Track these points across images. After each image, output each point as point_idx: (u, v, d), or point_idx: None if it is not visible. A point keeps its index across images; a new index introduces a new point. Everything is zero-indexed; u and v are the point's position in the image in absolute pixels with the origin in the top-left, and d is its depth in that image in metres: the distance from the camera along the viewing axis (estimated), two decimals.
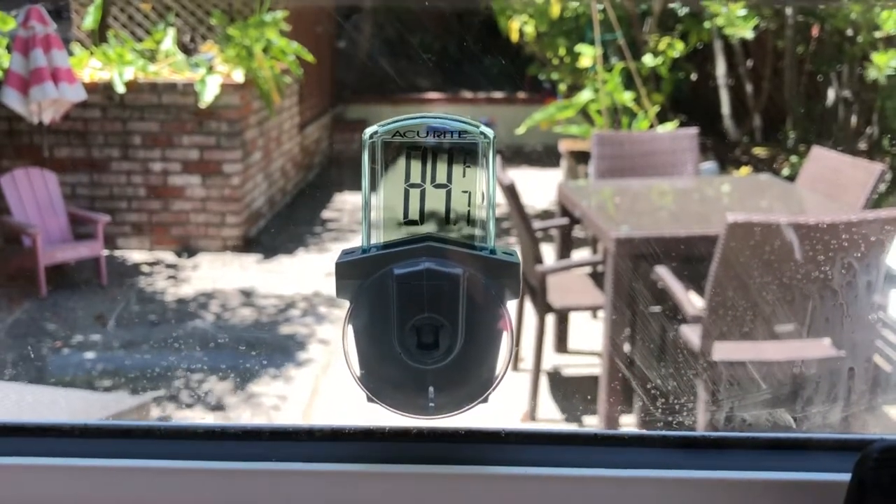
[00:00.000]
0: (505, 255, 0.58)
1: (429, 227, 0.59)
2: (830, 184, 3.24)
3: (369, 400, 0.60)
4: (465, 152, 0.57)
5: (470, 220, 0.58)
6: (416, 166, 0.58)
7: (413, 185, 0.58)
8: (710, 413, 2.16)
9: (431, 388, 0.59)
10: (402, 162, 0.58)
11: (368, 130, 0.57)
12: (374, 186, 0.58)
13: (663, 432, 0.60)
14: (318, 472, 0.61)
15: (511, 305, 0.59)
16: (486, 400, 0.60)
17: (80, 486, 0.61)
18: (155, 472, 0.61)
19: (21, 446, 0.63)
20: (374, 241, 0.59)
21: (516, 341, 3.17)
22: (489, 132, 0.57)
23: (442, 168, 0.58)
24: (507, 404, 2.87)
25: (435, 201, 0.58)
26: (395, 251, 0.58)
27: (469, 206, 0.58)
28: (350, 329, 0.59)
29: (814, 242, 2.15)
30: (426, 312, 0.57)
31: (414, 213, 0.58)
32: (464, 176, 0.58)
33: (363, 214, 0.58)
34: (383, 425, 0.63)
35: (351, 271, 0.58)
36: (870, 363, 2.47)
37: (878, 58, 4.31)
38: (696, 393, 2.27)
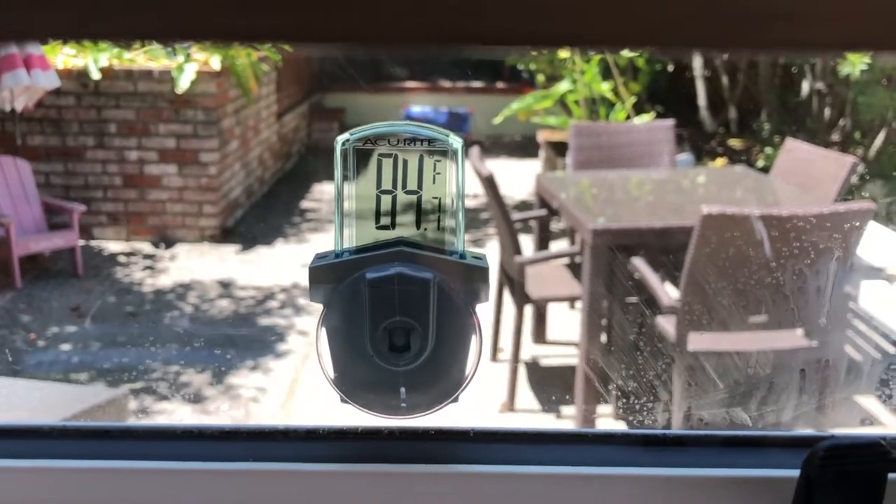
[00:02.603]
0: (474, 260, 0.60)
1: (401, 232, 0.60)
2: (804, 175, 3.29)
3: (342, 401, 0.62)
4: (434, 160, 0.59)
5: (440, 226, 0.60)
6: (387, 173, 0.59)
7: (384, 192, 0.60)
8: (683, 404, 2.20)
9: (403, 389, 0.60)
10: (373, 168, 0.59)
11: (340, 138, 0.59)
12: (345, 191, 0.59)
13: (626, 430, 0.62)
14: (294, 471, 0.63)
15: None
16: (456, 399, 0.62)
17: (57, 488, 0.61)
18: (132, 472, 0.62)
19: None
20: (346, 245, 0.60)
21: (495, 332, 3.20)
22: (458, 140, 0.59)
23: (413, 175, 0.59)
24: (487, 395, 2.90)
25: (407, 206, 0.60)
26: (367, 256, 0.59)
27: (440, 211, 0.60)
28: (323, 332, 0.60)
29: (786, 233, 2.19)
30: (398, 316, 0.59)
31: (386, 219, 0.60)
32: (434, 182, 0.59)
33: (336, 219, 0.60)
34: (356, 425, 0.65)
35: (324, 275, 0.60)
36: (843, 355, 2.53)
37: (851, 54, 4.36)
38: (671, 383, 2.31)
